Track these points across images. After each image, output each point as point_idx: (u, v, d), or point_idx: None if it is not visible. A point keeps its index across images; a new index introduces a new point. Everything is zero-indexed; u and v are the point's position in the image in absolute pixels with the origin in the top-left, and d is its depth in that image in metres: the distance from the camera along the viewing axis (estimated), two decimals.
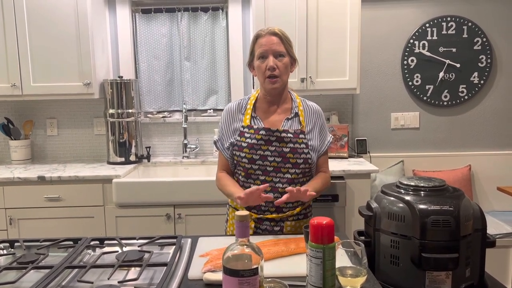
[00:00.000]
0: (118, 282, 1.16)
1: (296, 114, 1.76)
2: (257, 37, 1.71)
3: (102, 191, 2.72)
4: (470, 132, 3.36)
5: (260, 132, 1.70)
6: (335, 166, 2.79)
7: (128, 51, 3.26)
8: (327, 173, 1.85)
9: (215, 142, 1.84)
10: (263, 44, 1.67)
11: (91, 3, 2.88)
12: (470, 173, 3.27)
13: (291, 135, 1.71)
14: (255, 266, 0.97)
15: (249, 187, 1.72)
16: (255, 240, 1.46)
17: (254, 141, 1.70)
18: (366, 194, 2.73)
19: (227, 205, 1.91)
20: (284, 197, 1.51)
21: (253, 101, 1.78)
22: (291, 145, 1.70)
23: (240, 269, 0.96)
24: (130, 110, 3.06)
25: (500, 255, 2.80)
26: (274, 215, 1.73)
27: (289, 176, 1.71)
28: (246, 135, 1.72)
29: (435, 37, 3.25)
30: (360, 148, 3.30)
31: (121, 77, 3.08)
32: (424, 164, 3.33)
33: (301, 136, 1.72)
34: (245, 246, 0.99)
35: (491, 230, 2.77)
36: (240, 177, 1.76)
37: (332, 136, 1.86)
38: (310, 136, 1.76)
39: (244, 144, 1.72)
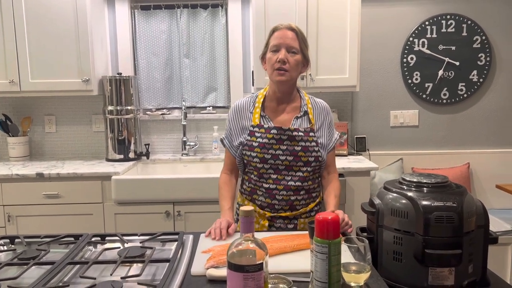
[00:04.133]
0: (121, 278, 1.15)
1: (306, 113, 1.75)
2: (274, 30, 1.70)
3: (101, 188, 2.71)
4: (469, 130, 3.37)
5: (272, 131, 1.69)
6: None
7: (127, 47, 3.24)
8: (336, 173, 1.83)
9: (221, 140, 1.82)
10: (279, 37, 1.66)
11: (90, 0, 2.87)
12: (469, 171, 3.28)
13: (302, 134, 1.70)
14: (259, 262, 0.97)
15: (262, 186, 1.72)
16: (258, 236, 1.46)
17: (265, 140, 1.69)
18: (366, 192, 2.73)
19: (237, 204, 1.90)
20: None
21: (262, 100, 1.76)
22: (303, 143, 1.70)
23: (245, 265, 0.95)
24: (129, 107, 3.05)
25: (499, 252, 2.81)
26: (288, 213, 1.73)
27: (300, 174, 1.71)
28: (257, 134, 1.71)
29: (434, 35, 3.26)
30: (359, 146, 3.31)
31: (120, 73, 3.07)
32: (423, 162, 3.33)
33: (311, 134, 1.72)
34: (250, 242, 0.99)
35: (490, 227, 2.78)
36: (253, 176, 1.75)
37: (339, 133, 1.85)
38: (319, 133, 1.75)
39: (255, 144, 1.70)
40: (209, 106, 3.33)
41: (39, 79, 2.90)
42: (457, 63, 3.27)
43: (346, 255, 1.10)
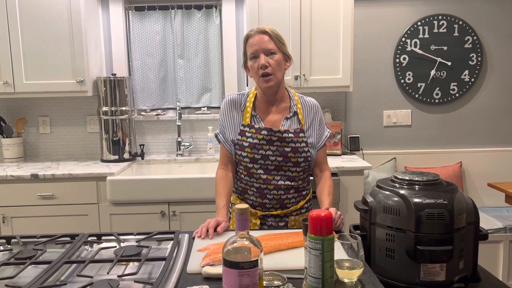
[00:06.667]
0: (118, 276, 1.16)
1: (295, 113, 1.76)
2: (247, 38, 1.71)
3: (96, 189, 2.72)
4: (461, 129, 3.40)
5: (262, 132, 1.71)
6: (328, 163, 2.80)
7: (121, 48, 3.25)
8: (328, 171, 1.85)
9: (216, 135, 1.82)
10: (254, 44, 1.68)
11: (84, 0, 2.87)
12: (461, 169, 3.32)
13: (292, 135, 1.71)
14: (254, 259, 0.98)
15: (253, 186, 1.74)
16: (253, 234, 1.48)
17: (256, 140, 1.71)
18: (360, 191, 2.76)
19: (230, 203, 1.91)
20: None
21: (253, 99, 1.77)
22: (292, 144, 1.71)
23: (240, 261, 0.97)
24: (123, 108, 3.05)
25: (491, 250, 2.84)
26: (279, 211, 1.75)
27: (290, 174, 1.73)
28: (248, 134, 1.72)
29: (426, 36, 3.29)
30: (353, 145, 3.33)
31: (114, 74, 3.07)
32: (416, 161, 3.37)
33: (301, 135, 1.73)
34: (245, 239, 1.00)
35: (482, 225, 2.80)
36: (243, 176, 1.77)
37: (330, 131, 1.87)
38: (309, 133, 1.76)
39: (245, 144, 1.72)
40: (204, 107, 3.34)
41: (33, 80, 2.90)
42: (449, 63, 3.31)
43: (340, 252, 1.12)
